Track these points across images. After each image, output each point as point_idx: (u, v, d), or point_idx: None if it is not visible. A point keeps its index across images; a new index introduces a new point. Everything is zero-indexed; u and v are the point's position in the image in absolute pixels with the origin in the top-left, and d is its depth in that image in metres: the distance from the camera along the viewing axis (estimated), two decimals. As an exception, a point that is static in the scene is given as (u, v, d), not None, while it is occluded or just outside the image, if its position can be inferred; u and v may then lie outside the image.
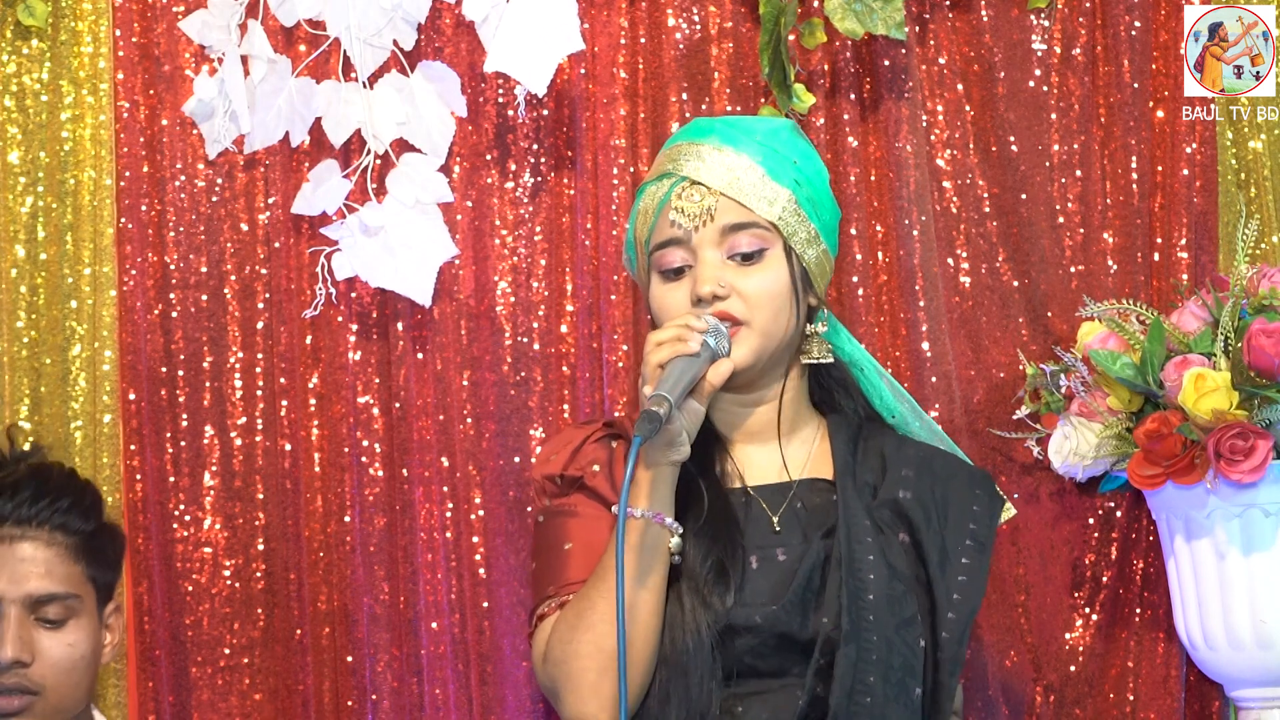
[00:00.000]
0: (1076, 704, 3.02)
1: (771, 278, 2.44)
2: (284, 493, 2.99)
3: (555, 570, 2.42)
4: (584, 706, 2.33)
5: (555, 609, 2.39)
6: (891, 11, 2.92)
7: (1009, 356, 3.05)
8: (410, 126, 2.95)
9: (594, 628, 2.32)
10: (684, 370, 2.30)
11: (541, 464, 2.52)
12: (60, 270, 2.95)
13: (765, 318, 2.43)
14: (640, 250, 2.51)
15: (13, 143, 2.97)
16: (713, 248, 2.44)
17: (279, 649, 2.98)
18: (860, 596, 2.37)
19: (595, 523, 2.43)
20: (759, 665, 2.38)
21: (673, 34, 3.04)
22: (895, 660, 2.36)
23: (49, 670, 2.52)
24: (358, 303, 3.01)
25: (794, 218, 2.46)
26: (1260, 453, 2.69)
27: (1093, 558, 3.04)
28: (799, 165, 2.49)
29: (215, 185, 3.02)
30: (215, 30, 2.96)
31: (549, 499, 2.48)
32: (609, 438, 2.51)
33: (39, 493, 2.56)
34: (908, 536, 2.44)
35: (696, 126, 2.53)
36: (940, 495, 2.48)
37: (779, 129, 2.52)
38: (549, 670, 2.37)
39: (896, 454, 2.51)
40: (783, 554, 2.42)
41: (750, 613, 2.37)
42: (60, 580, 2.54)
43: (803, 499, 2.47)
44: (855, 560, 2.38)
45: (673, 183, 2.47)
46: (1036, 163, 3.08)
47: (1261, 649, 2.78)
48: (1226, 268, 3.00)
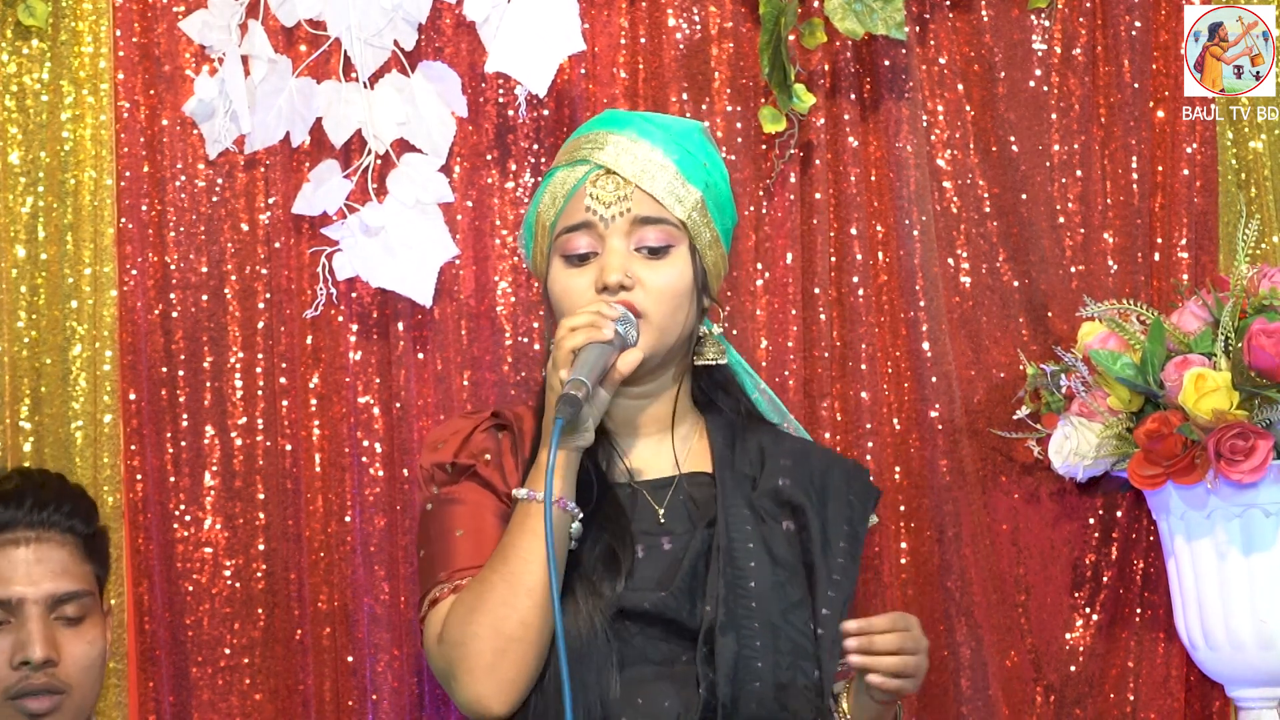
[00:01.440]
0: (1077, 704, 3.02)
1: (676, 274, 2.45)
2: (284, 493, 2.99)
3: (446, 556, 2.43)
4: (479, 687, 2.34)
5: (449, 593, 2.40)
6: (892, 11, 2.92)
7: (1009, 356, 3.05)
8: (411, 126, 2.95)
9: (493, 610, 2.33)
10: (598, 357, 2.32)
11: (430, 451, 2.51)
12: (61, 270, 2.95)
13: (664, 313, 2.44)
14: (543, 233, 2.51)
15: (13, 143, 2.97)
16: (621, 237, 2.45)
17: (279, 649, 2.98)
18: (739, 585, 2.39)
19: (484, 510, 2.45)
20: (649, 652, 2.39)
21: (673, 34, 3.04)
22: (783, 645, 2.38)
23: (74, 668, 2.53)
24: (358, 303, 3.01)
25: (701, 218, 2.48)
26: (1260, 453, 2.69)
27: (1093, 558, 3.04)
28: (708, 168, 2.51)
29: (216, 185, 3.02)
30: (215, 30, 2.96)
31: (438, 486, 2.48)
32: (496, 428, 2.52)
33: (45, 497, 2.58)
34: (792, 523, 2.46)
35: (613, 117, 2.54)
36: (819, 484, 2.49)
37: (691, 130, 2.54)
38: (444, 652, 2.37)
39: (774, 446, 2.53)
40: (668, 543, 2.44)
41: (640, 598, 2.39)
42: (76, 578, 2.56)
43: (686, 491, 2.49)
44: (734, 550, 2.41)
45: (588, 169, 2.48)
46: (1037, 163, 3.08)
47: (1262, 649, 2.78)
48: (1227, 268, 3.00)
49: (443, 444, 2.51)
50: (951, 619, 2.99)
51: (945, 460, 3.01)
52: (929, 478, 3.01)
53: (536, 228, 2.53)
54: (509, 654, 2.33)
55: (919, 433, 3.02)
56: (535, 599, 2.32)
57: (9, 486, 2.58)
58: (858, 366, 3.02)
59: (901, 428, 3.03)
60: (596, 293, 2.43)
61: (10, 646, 2.51)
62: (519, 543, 2.34)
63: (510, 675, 2.34)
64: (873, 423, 3.00)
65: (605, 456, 2.49)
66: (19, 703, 2.50)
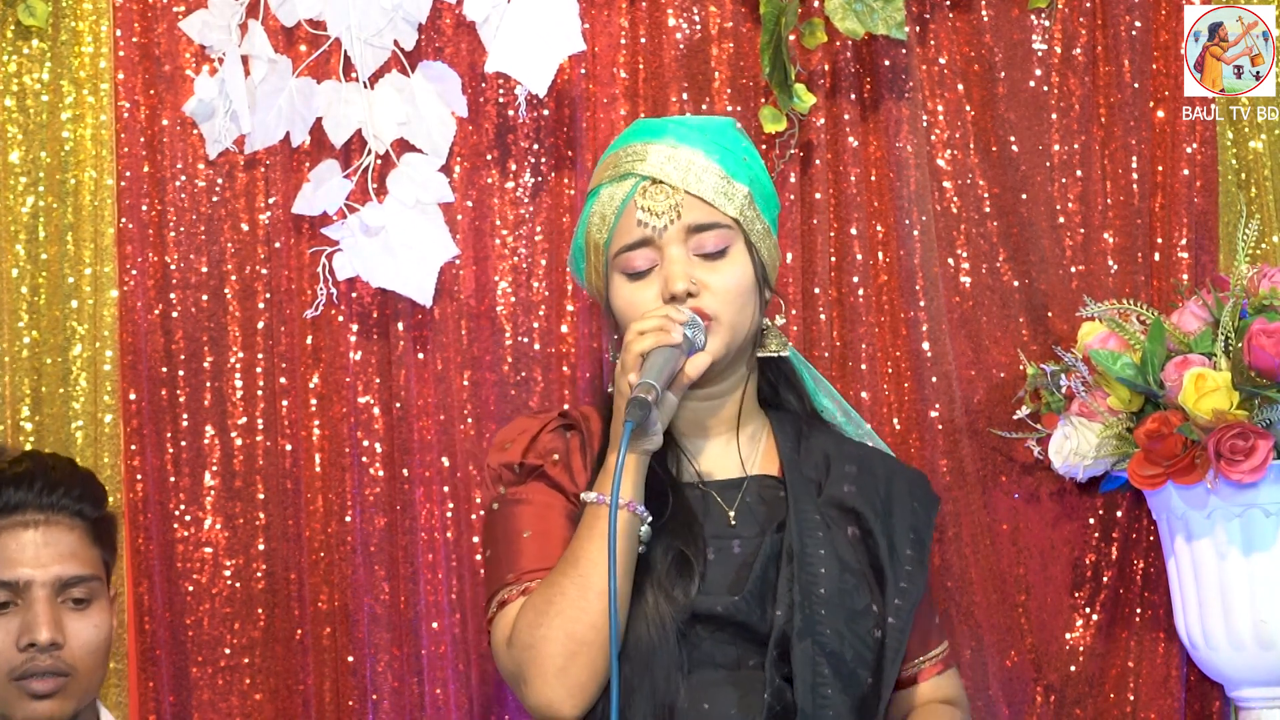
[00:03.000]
0: (1077, 704, 3.02)
1: (738, 272, 2.47)
2: (284, 493, 2.99)
3: (514, 558, 2.43)
4: (550, 692, 2.34)
5: (518, 595, 2.40)
6: (892, 11, 2.92)
7: (1009, 356, 3.05)
8: (411, 126, 2.95)
9: (563, 613, 2.33)
10: (666, 360, 2.33)
11: (498, 451, 2.52)
12: (61, 270, 2.95)
13: (733, 312, 2.45)
14: (596, 254, 2.52)
15: (13, 143, 2.97)
16: (679, 245, 2.45)
17: (279, 649, 2.98)
18: (812, 591, 2.40)
19: (551, 511, 2.45)
20: (716, 655, 2.40)
21: (673, 34, 3.04)
22: (847, 652, 2.40)
23: (80, 651, 2.54)
24: (358, 303, 3.01)
25: (751, 213, 2.49)
26: (1260, 453, 2.69)
27: (1093, 558, 3.04)
28: (749, 163, 2.52)
29: (216, 185, 3.02)
30: (216, 30, 2.96)
31: (505, 486, 2.49)
32: (564, 428, 2.52)
33: (56, 479, 2.58)
34: (856, 529, 2.48)
35: (647, 127, 2.54)
36: (884, 493, 2.51)
37: (726, 127, 2.54)
38: (514, 655, 2.37)
39: (838, 453, 2.54)
40: (738, 546, 2.45)
41: (713, 602, 2.40)
42: (84, 562, 2.56)
43: (755, 494, 2.50)
44: (806, 555, 2.41)
45: (634, 182, 2.48)
46: (1037, 163, 3.08)
47: (1262, 649, 2.78)
48: (1227, 268, 3.00)
49: (510, 444, 2.51)
50: (951, 619, 2.99)
51: (945, 460, 3.01)
52: (929, 478, 3.01)
53: (588, 248, 2.53)
54: (580, 657, 2.33)
55: (919, 433, 3.02)
56: (605, 602, 2.30)
57: (20, 469, 2.58)
58: (858, 366, 3.02)
59: (901, 428, 3.03)
60: (664, 303, 2.43)
61: (17, 628, 2.51)
62: (589, 546, 2.34)
63: (581, 678, 2.33)
64: (873, 423, 2.99)
65: (674, 459, 2.50)
66: (24, 683, 2.50)
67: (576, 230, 2.56)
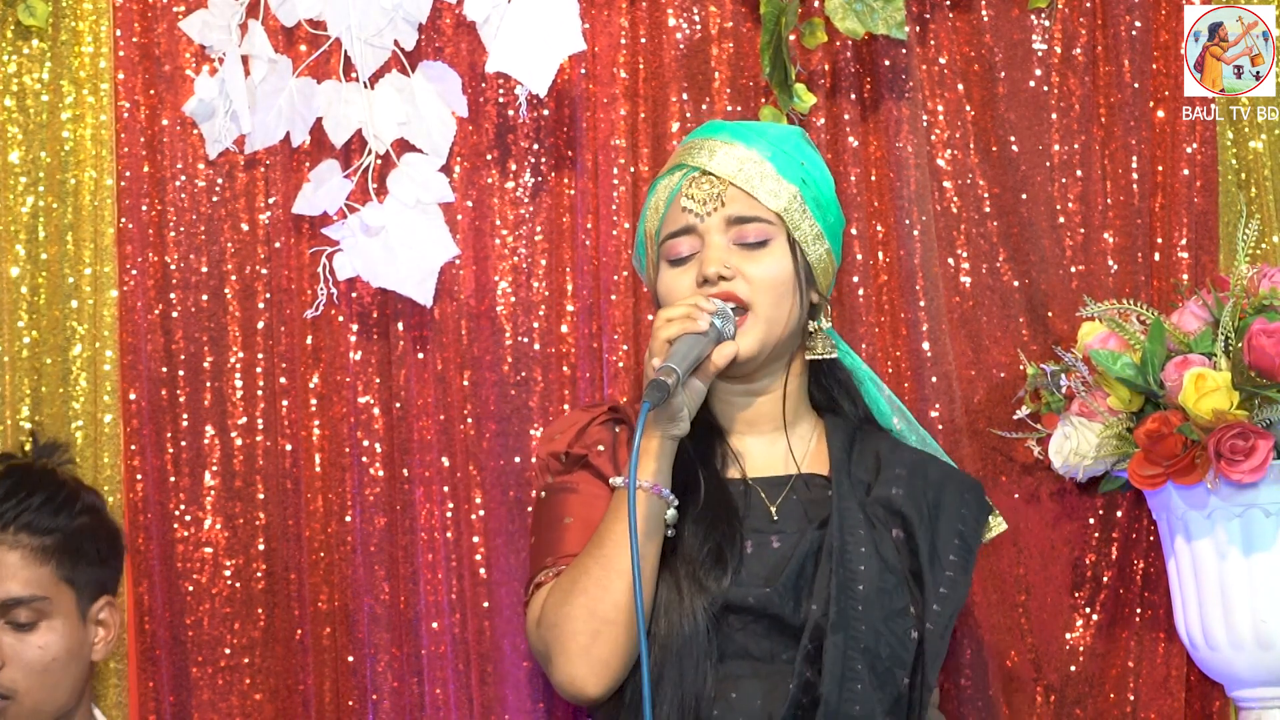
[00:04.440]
0: (1077, 704, 3.02)
1: (776, 265, 2.50)
2: (284, 493, 2.99)
3: (553, 542, 2.47)
4: (574, 669, 2.38)
5: (552, 578, 2.44)
6: (892, 11, 2.92)
7: (1009, 356, 3.05)
8: (411, 126, 2.95)
9: (587, 591, 2.37)
10: (691, 347, 2.36)
11: (546, 442, 2.57)
12: (61, 270, 2.95)
13: (768, 303, 2.48)
14: (650, 244, 2.57)
15: (13, 143, 2.97)
16: (719, 233, 2.50)
17: (279, 649, 2.98)
18: (850, 587, 2.41)
19: (595, 500, 2.48)
20: (750, 647, 2.42)
21: (673, 34, 3.04)
22: (883, 650, 2.41)
23: (20, 674, 2.50)
24: (358, 303, 3.01)
25: (798, 212, 2.52)
26: (1261, 453, 2.69)
27: (1093, 558, 3.04)
28: (805, 167, 2.55)
29: (216, 185, 3.02)
30: (216, 30, 2.96)
31: (552, 475, 2.54)
32: (612, 421, 2.56)
33: (5, 493, 2.54)
34: (901, 532, 2.49)
35: (710, 125, 2.60)
36: (932, 498, 2.53)
37: (789, 134, 2.59)
38: (542, 634, 2.41)
39: (891, 455, 2.57)
40: (777, 541, 2.47)
41: (745, 593, 2.42)
42: (26, 583, 2.52)
43: (800, 491, 2.52)
44: (847, 552, 2.43)
45: (684, 174, 2.54)
46: (1037, 163, 3.08)
47: (1262, 649, 2.78)
48: (1227, 268, 3.00)
49: (559, 435, 2.56)
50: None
51: (945, 460, 3.01)
52: (929, 477, 3.01)
53: (645, 240, 2.58)
54: (603, 635, 2.37)
55: (919, 433, 3.02)
56: (628, 582, 2.35)
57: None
58: (858, 366, 3.02)
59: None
60: (698, 286, 2.47)
61: None
62: (614, 527, 2.39)
63: (604, 656, 2.37)
64: (873, 423, 3.00)
65: (721, 453, 2.53)
66: None
67: (640, 221, 2.61)
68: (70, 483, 2.66)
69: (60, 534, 2.55)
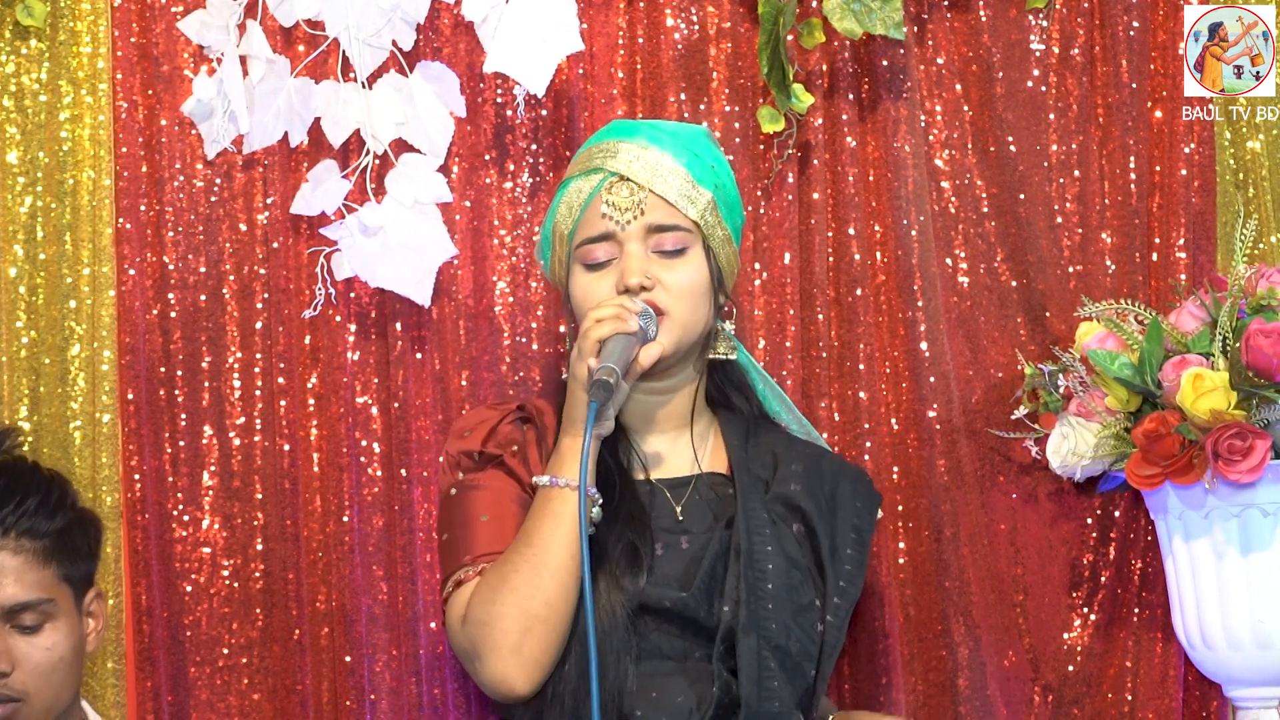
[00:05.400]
0: (1075, 704, 3.02)
1: (693, 272, 2.53)
2: (282, 493, 2.99)
3: (470, 540, 2.49)
4: (504, 666, 2.40)
5: (474, 576, 2.45)
6: (890, 11, 2.92)
7: (1007, 356, 3.05)
8: (409, 127, 2.95)
9: (518, 589, 2.39)
10: (624, 347, 2.39)
11: (457, 439, 2.58)
12: (59, 270, 2.95)
13: (686, 309, 2.52)
14: (560, 244, 2.59)
15: (12, 143, 2.97)
16: (638, 241, 2.53)
17: (277, 649, 2.98)
18: (759, 587, 2.45)
19: (506, 498, 2.51)
20: (664, 647, 2.46)
21: (671, 34, 3.04)
22: (793, 646, 2.46)
23: (30, 676, 2.50)
24: (356, 303, 3.01)
25: (713, 218, 2.56)
26: (1258, 452, 2.69)
27: (1091, 558, 3.04)
28: (716, 170, 2.59)
29: (214, 185, 3.02)
30: (214, 30, 2.96)
31: (463, 473, 2.55)
32: (520, 420, 2.59)
33: (1, 499, 2.53)
34: (802, 527, 2.54)
35: (621, 126, 2.62)
36: (828, 492, 2.57)
37: (697, 134, 2.62)
38: (469, 632, 2.42)
39: (787, 452, 2.60)
40: (686, 542, 2.51)
41: (660, 595, 2.45)
42: (31, 587, 2.51)
43: (702, 491, 2.56)
44: (754, 551, 2.47)
45: (602, 178, 2.55)
46: (1035, 163, 3.08)
47: (1259, 649, 2.78)
48: (1224, 268, 3.00)
49: (470, 432, 2.58)
50: (949, 619, 2.99)
51: (943, 460, 3.01)
52: (927, 478, 3.01)
53: (554, 238, 2.60)
54: (534, 633, 2.39)
55: (917, 433, 3.02)
56: (559, 580, 2.39)
57: None
58: (856, 367, 3.02)
59: (899, 428, 3.03)
60: (618, 294, 2.50)
61: None
62: (541, 526, 2.41)
63: (535, 654, 2.39)
64: (871, 423, 3.00)
65: (624, 452, 2.56)
66: None
67: (545, 219, 2.64)
68: (55, 478, 2.63)
69: (56, 534, 2.55)
